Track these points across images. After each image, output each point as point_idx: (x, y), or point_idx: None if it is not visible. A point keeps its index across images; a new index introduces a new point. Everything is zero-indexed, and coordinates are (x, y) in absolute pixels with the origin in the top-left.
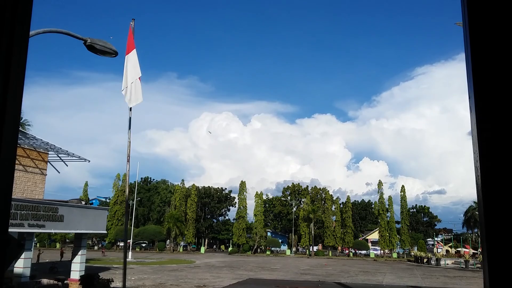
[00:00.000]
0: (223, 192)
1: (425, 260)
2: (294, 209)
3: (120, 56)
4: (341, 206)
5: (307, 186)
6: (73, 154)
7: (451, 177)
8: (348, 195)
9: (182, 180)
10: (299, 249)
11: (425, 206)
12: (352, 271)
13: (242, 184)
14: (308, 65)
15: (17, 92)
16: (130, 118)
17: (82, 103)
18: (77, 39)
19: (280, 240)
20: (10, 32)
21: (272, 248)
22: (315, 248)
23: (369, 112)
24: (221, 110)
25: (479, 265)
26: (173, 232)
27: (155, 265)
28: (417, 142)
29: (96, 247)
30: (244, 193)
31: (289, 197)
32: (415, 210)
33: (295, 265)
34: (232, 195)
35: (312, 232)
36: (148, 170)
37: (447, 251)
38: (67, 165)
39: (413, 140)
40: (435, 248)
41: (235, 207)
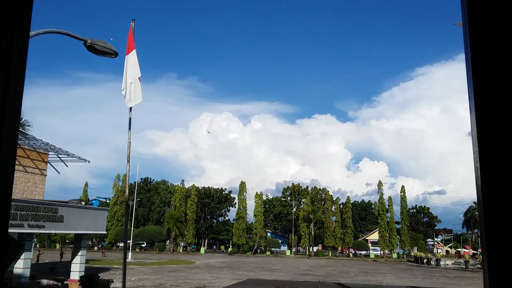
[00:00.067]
0: (223, 193)
1: (425, 261)
2: (294, 210)
3: (120, 57)
4: (341, 207)
5: (307, 187)
6: (73, 155)
7: (451, 178)
8: (348, 196)
9: (182, 181)
10: (299, 250)
11: (425, 207)
12: (352, 272)
13: (242, 185)
14: (308, 65)
15: (17, 93)
16: (130, 119)
17: (82, 104)
18: (77, 40)
19: (280, 241)
20: (10, 32)
21: (272, 249)
22: (315, 249)
23: (369, 113)
24: (221, 111)
25: (479, 266)
26: (173, 233)
27: (155, 266)
28: (417, 143)
29: (96, 248)
30: (244, 194)
31: (289, 198)
32: (415, 211)
33: (295, 266)
34: (232, 196)
35: (312, 233)
36: (148, 171)
37: (447, 252)
38: (67, 166)
39: (413, 141)
40: (435, 249)
41: (235, 208)
